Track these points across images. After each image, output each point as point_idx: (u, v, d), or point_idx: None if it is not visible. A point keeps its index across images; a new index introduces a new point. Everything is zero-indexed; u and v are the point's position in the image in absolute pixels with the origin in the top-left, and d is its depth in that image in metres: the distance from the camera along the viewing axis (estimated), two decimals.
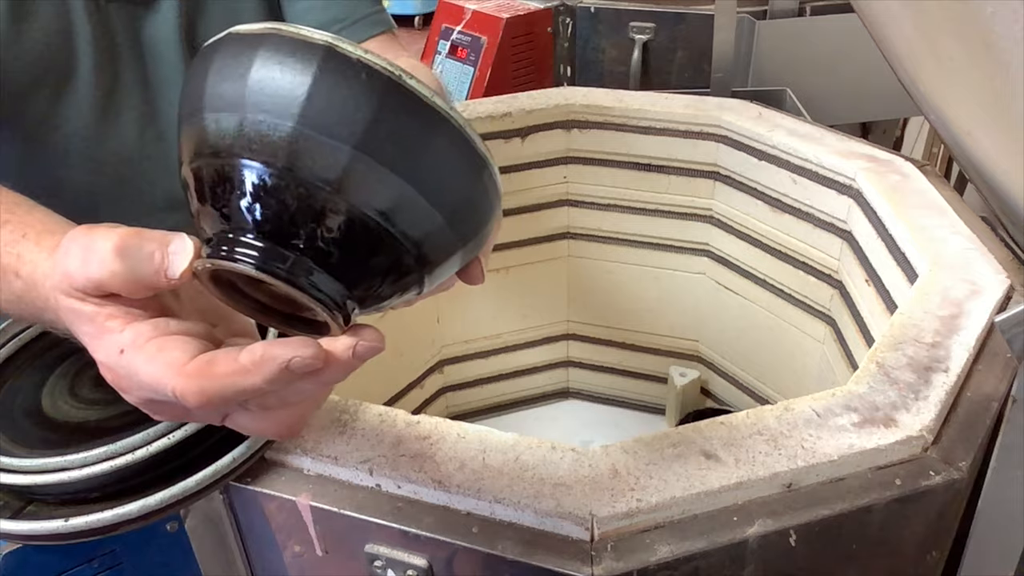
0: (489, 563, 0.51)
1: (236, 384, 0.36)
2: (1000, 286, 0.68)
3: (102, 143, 0.64)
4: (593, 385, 1.31)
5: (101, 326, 0.38)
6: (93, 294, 0.38)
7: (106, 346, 0.38)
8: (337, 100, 0.33)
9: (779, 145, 0.96)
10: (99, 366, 0.40)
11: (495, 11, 1.52)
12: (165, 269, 0.37)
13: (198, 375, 0.36)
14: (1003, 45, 0.47)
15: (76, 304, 0.39)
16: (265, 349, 0.35)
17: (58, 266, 0.39)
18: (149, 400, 0.40)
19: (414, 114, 0.34)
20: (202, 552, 0.58)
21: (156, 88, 0.65)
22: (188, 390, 0.36)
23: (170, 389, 0.36)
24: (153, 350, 0.37)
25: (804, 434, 0.57)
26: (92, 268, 0.38)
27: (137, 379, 0.38)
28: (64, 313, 0.40)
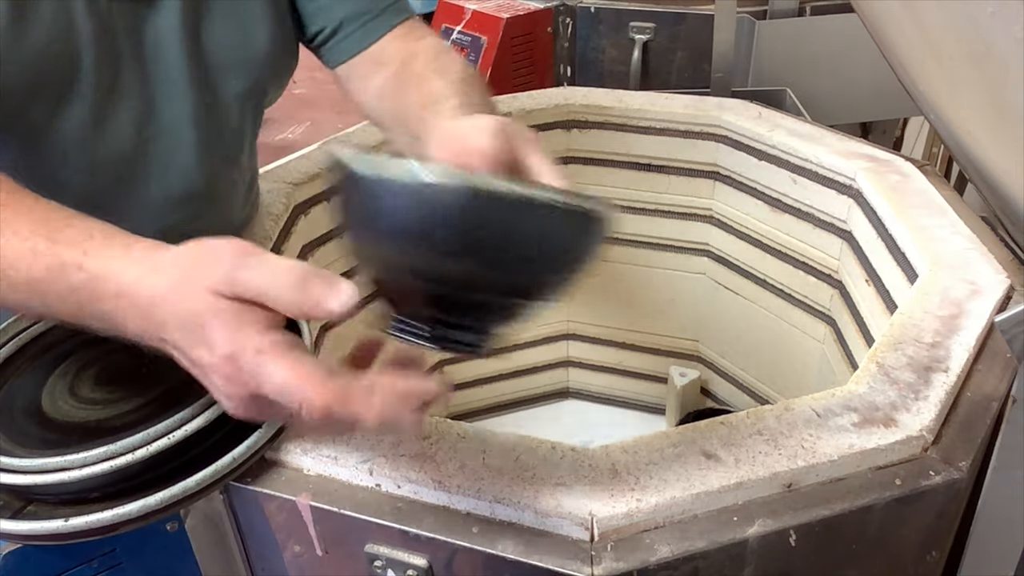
0: (489, 563, 0.51)
1: (358, 414, 0.42)
2: (1000, 286, 0.68)
3: (101, 142, 0.64)
4: (593, 385, 1.31)
5: (241, 324, 0.43)
6: (242, 299, 0.43)
7: (242, 342, 0.42)
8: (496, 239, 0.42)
9: (779, 145, 0.96)
10: (213, 359, 0.43)
11: (495, 11, 1.52)
12: (325, 303, 0.44)
13: (334, 395, 0.41)
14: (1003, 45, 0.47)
15: (217, 302, 0.43)
16: (390, 393, 0.43)
17: (212, 264, 0.44)
18: (254, 398, 0.43)
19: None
20: (202, 552, 0.58)
21: (156, 87, 0.65)
22: (317, 404, 0.41)
23: (301, 397, 0.41)
24: (293, 362, 0.42)
25: (804, 434, 0.57)
26: (271, 283, 0.43)
27: (264, 379, 0.42)
28: (182, 307, 0.44)
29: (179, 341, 0.45)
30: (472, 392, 1.27)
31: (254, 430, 0.54)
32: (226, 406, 0.45)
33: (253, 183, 0.84)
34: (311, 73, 3.33)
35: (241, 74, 0.70)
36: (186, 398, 0.54)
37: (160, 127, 0.66)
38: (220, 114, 0.70)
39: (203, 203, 0.72)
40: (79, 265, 0.47)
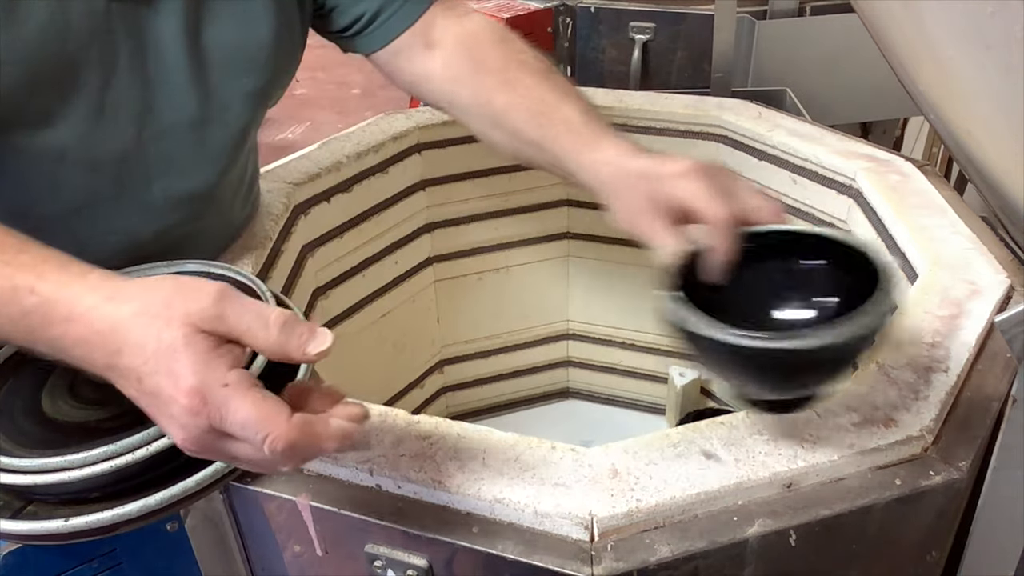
0: (489, 563, 0.51)
1: (321, 447, 0.45)
2: (1000, 286, 0.68)
3: (100, 142, 0.64)
4: (593, 385, 1.31)
5: (211, 358, 0.44)
6: (219, 335, 0.44)
7: (210, 375, 0.43)
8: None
9: (779, 145, 0.96)
10: (180, 390, 0.43)
11: (495, 11, 1.52)
12: (305, 347, 0.45)
13: (298, 429, 0.43)
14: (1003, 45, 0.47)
15: (193, 334, 0.44)
16: (351, 428, 0.46)
17: (195, 298, 0.45)
18: (214, 434, 0.44)
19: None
20: (202, 552, 0.58)
21: (156, 88, 0.65)
22: (282, 438, 0.43)
23: (265, 433, 0.43)
24: (258, 397, 0.43)
25: (804, 434, 0.57)
26: (257, 321, 0.45)
27: (226, 413, 0.43)
28: (151, 335, 0.44)
29: (137, 368, 0.44)
30: (472, 392, 1.27)
31: None
32: (176, 437, 0.45)
33: (253, 183, 0.84)
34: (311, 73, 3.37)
35: (243, 75, 0.70)
36: None
37: (161, 128, 0.66)
38: (221, 115, 0.70)
39: (203, 203, 0.72)
40: (31, 288, 0.47)
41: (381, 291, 1.08)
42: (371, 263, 1.05)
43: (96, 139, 0.63)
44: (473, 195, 1.12)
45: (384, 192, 1.04)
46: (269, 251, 0.81)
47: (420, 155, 1.07)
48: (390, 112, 1.07)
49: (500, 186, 1.12)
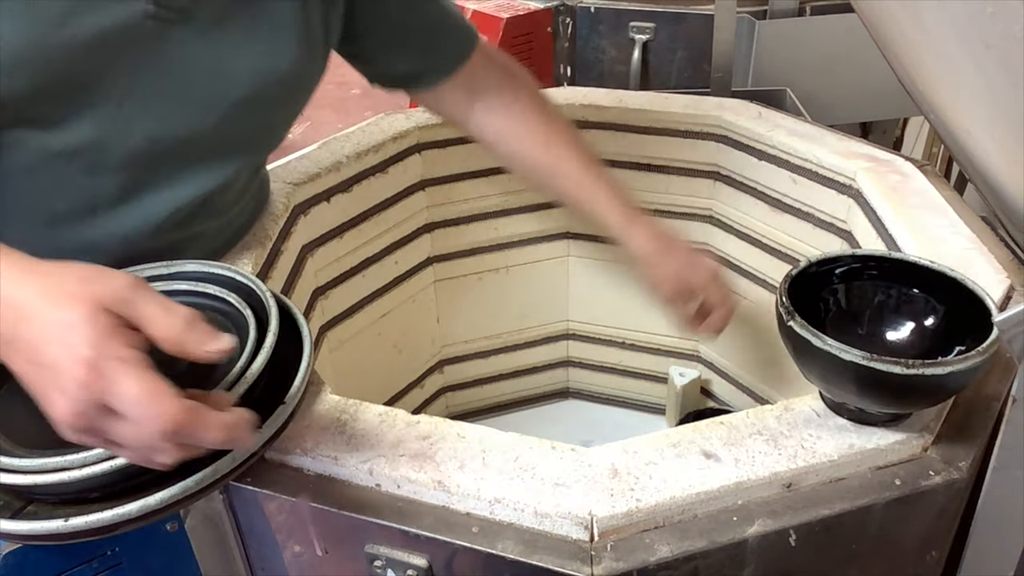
0: (489, 563, 0.51)
1: (205, 435, 0.45)
2: (1000, 286, 0.68)
3: (110, 149, 0.63)
4: (593, 385, 1.31)
5: (111, 335, 0.44)
6: (123, 318, 0.45)
7: (108, 349, 0.43)
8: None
9: (779, 145, 0.96)
10: (73, 361, 0.43)
11: (495, 11, 1.52)
12: (205, 345, 0.46)
13: (187, 412, 0.44)
14: (1003, 45, 0.47)
15: (96, 311, 0.44)
16: (239, 420, 0.47)
17: (107, 281, 0.46)
18: (103, 406, 0.44)
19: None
20: (202, 552, 0.58)
21: (172, 102, 0.65)
22: (170, 417, 0.43)
23: (157, 410, 0.43)
24: (153, 376, 0.44)
25: (804, 434, 0.57)
26: (163, 310, 0.46)
27: (118, 387, 0.43)
28: (53, 306, 0.45)
29: (34, 339, 0.45)
30: (472, 392, 1.27)
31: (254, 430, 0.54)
32: (61, 412, 0.44)
33: (261, 190, 0.85)
34: None
35: (261, 98, 0.70)
36: None
37: (172, 140, 0.66)
38: (236, 134, 0.70)
39: (210, 212, 0.72)
40: None
41: (381, 291, 1.08)
42: (371, 263, 1.05)
43: (107, 145, 0.63)
44: (473, 195, 1.12)
45: (384, 192, 1.04)
46: (269, 251, 0.81)
47: (420, 155, 1.07)
48: (390, 112, 1.07)
49: (500, 186, 1.12)
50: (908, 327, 0.62)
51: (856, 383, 0.53)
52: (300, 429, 0.59)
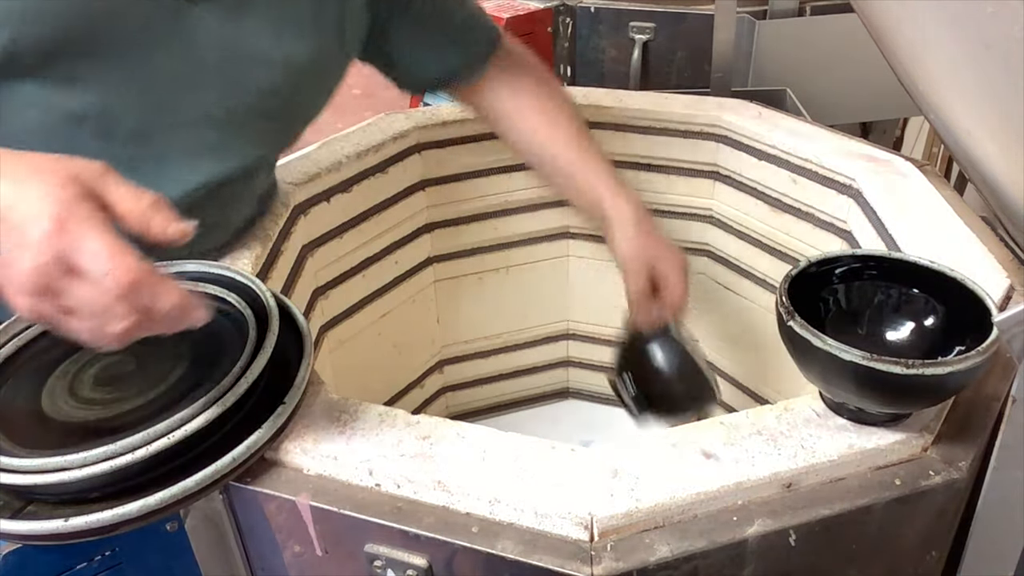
0: (489, 563, 0.51)
1: (160, 296, 0.46)
2: (1000, 286, 0.68)
3: (120, 118, 0.64)
4: (593, 385, 1.31)
5: (82, 200, 0.45)
6: (92, 191, 0.46)
7: (78, 210, 0.45)
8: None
9: (779, 145, 0.96)
10: (36, 215, 0.44)
11: (495, 11, 1.51)
12: (167, 223, 0.48)
13: (147, 269, 0.45)
14: (1003, 45, 0.47)
15: (71, 182, 0.46)
16: (189, 295, 0.47)
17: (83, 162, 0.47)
18: (61, 262, 0.44)
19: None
20: (202, 552, 0.58)
21: (183, 82, 0.65)
22: (129, 273, 0.44)
23: (116, 264, 0.44)
24: (117, 238, 0.45)
25: (804, 434, 0.57)
26: (127, 188, 0.47)
27: (82, 242, 0.44)
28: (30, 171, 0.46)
29: (7, 199, 0.45)
30: (472, 392, 1.27)
31: (254, 430, 0.54)
32: (18, 269, 0.45)
33: (271, 190, 0.85)
34: None
35: (275, 88, 0.70)
36: (186, 398, 0.54)
37: (180, 121, 0.66)
38: (248, 123, 0.70)
39: (220, 204, 0.72)
40: None
41: (381, 291, 1.08)
42: (371, 263, 1.05)
43: (117, 113, 0.63)
44: (473, 195, 1.12)
45: (384, 192, 1.04)
46: (269, 251, 0.81)
47: (420, 155, 1.07)
48: (390, 112, 1.07)
49: (500, 186, 1.12)
50: (908, 327, 0.62)
51: (856, 383, 0.53)
52: (300, 429, 0.59)
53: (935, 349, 0.59)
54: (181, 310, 0.47)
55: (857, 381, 0.53)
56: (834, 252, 0.63)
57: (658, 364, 0.91)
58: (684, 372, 0.90)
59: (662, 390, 0.91)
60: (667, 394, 0.91)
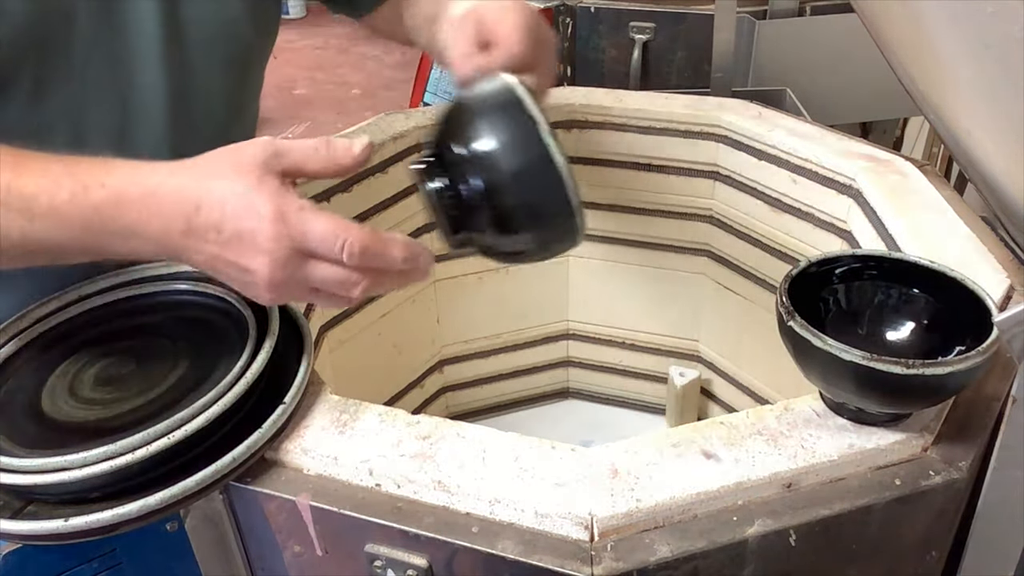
0: (489, 563, 0.51)
1: (390, 250, 0.50)
2: (1000, 286, 0.68)
3: (85, 118, 0.64)
4: (593, 385, 1.31)
5: (284, 191, 0.49)
6: (286, 171, 0.51)
7: (288, 203, 0.49)
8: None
9: (779, 145, 0.96)
10: (264, 221, 0.48)
11: None
12: (352, 148, 0.53)
13: (369, 233, 0.50)
14: (1003, 45, 0.47)
15: (264, 176, 0.49)
16: (413, 240, 0.52)
17: (254, 150, 0.51)
18: (297, 251, 0.49)
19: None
20: (202, 552, 0.58)
21: (134, 62, 0.65)
22: (358, 239, 0.49)
23: (343, 238, 0.48)
24: (329, 215, 0.49)
25: (804, 434, 0.57)
26: (304, 143, 0.51)
27: (308, 228, 0.48)
28: (228, 185, 0.49)
29: (217, 220, 0.48)
30: (472, 392, 1.27)
31: (254, 430, 0.54)
32: (262, 274, 0.49)
33: None
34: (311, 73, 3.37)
35: (219, 46, 0.70)
36: (186, 398, 0.54)
37: (142, 100, 0.66)
38: (201, 84, 0.70)
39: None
40: (101, 183, 0.50)
41: None
42: None
43: (82, 115, 0.63)
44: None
45: (384, 192, 1.04)
46: None
47: (420, 155, 1.07)
48: (390, 112, 1.07)
49: None
50: (908, 327, 0.62)
51: (856, 383, 0.53)
52: (300, 429, 0.59)
53: (935, 349, 0.59)
54: (411, 259, 0.51)
55: (857, 381, 0.53)
56: (834, 252, 0.63)
57: (486, 147, 0.53)
58: (528, 165, 0.53)
59: (493, 196, 0.53)
60: (499, 203, 0.53)
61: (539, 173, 0.52)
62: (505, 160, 0.52)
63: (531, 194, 0.53)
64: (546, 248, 0.58)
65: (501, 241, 0.55)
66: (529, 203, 0.53)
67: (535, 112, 0.53)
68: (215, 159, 0.51)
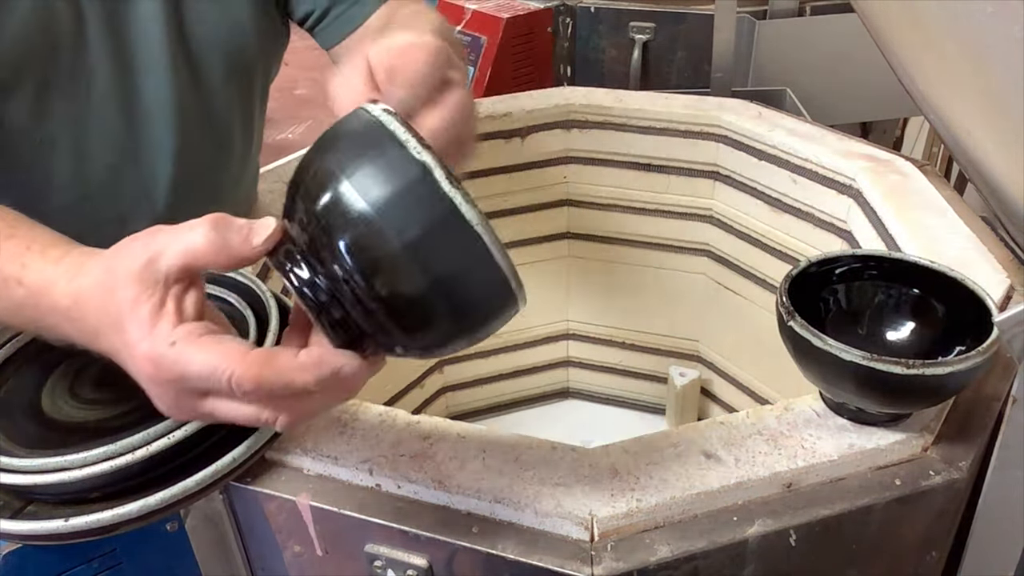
0: (489, 563, 0.51)
1: (292, 379, 0.40)
2: (1000, 286, 0.68)
3: (89, 131, 0.64)
4: (593, 385, 1.31)
5: (156, 319, 0.41)
6: (172, 275, 0.41)
7: (155, 338, 0.41)
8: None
9: (779, 145, 0.96)
10: (136, 360, 0.41)
11: (495, 11, 1.51)
12: (251, 237, 0.42)
13: (259, 364, 0.40)
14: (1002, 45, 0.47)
15: (138, 297, 0.41)
16: (321, 354, 0.40)
17: (133, 253, 0.42)
18: (183, 393, 0.42)
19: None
20: (202, 552, 0.58)
21: (138, 73, 0.65)
22: (247, 375, 0.39)
23: (227, 374, 0.39)
24: (210, 343, 0.41)
25: (804, 434, 0.57)
26: (187, 237, 0.41)
27: (184, 369, 0.40)
28: (104, 308, 0.42)
29: (111, 347, 0.43)
30: (472, 392, 1.27)
31: (254, 430, 0.54)
32: (161, 409, 0.44)
33: (253, 179, 0.84)
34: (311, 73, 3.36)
35: (224, 56, 0.70)
36: None
37: (146, 112, 0.66)
38: (205, 98, 0.70)
39: (194, 190, 0.72)
40: (19, 280, 0.46)
41: None
42: None
43: (86, 128, 0.63)
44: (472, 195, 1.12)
45: None
46: None
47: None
48: None
49: (500, 186, 1.12)
50: (908, 327, 0.62)
51: (856, 383, 0.53)
52: (300, 429, 0.59)
53: (935, 349, 0.59)
54: (323, 381, 0.40)
55: (857, 381, 0.53)
56: (834, 252, 0.63)
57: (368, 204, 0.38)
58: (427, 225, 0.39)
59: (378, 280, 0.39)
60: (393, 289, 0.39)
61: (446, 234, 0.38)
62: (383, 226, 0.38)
63: (441, 266, 0.39)
64: (481, 330, 0.42)
65: (414, 340, 0.42)
66: (440, 280, 0.39)
67: (411, 145, 0.39)
68: (107, 262, 0.44)
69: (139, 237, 0.43)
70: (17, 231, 0.48)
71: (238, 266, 0.42)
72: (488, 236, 0.39)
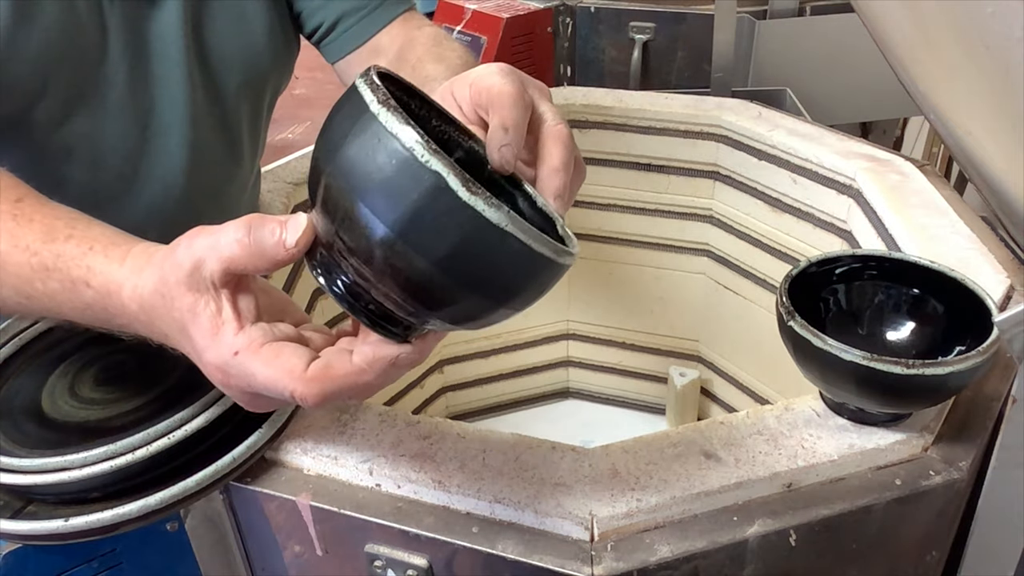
0: (489, 563, 0.51)
1: (354, 383, 0.42)
2: (1000, 286, 0.68)
3: (105, 140, 0.64)
4: (593, 385, 1.31)
5: (216, 327, 0.42)
6: (218, 281, 0.42)
7: (220, 348, 0.42)
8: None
9: (779, 145, 0.96)
10: (204, 366, 0.43)
11: (495, 11, 1.52)
12: (284, 240, 0.41)
13: (319, 380, 0.41)
14: (1003, 45, 0.47)
15: (195, 304, 0.42)
16: (374, 350, 0.42)
17: (178, 260, 0.43)
18: (256, 395, 0.44)
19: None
20: (202, 552, 0.58)
21: (156, 85, 0.65)
22: (310, 393, 0.41)
23: (290, 392, 0.41)
24: (270, 355, 0.42)
25: (804, 434, 0.57)
26: (223, 243, 0.42)
27: (251, 379, 0.42)
28: (169, 315, 0.43)
29: (184, 349, 0.45)
30: (472, 392, 1.27)
31: (254, 430, 0.54)
32: (237, 401, 0.46)
33: (256, 183, 0.85)
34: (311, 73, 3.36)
35: (240, 69, 0.70)
36: (186, 398, 0.54)
37: (161, 124, 0.66)
38: (219, 110, 0.70)
39: (205, 200, 0.72)
40: (87, 282, 0.47)
41: None
42: None
43: (102, 137, 0.63)
44: None
45: None
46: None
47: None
48: None
49: None
50: (908, 327, 0.62)
51: (856, 383, 0.53)
52: (300, 429, 0.59)
53: (935, 349, 0.59)
54: (371, 385, 0.43)
55: (857, 381, 0.53)
56: (834, 252, 0.63)
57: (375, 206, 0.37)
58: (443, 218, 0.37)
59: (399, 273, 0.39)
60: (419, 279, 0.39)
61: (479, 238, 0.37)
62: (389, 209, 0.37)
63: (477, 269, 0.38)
64: (534, 295, 0.41)
65: (461, 325, 0.42)
66: (477, 280, 0.38)
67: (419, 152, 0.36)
68: (160, 262, 0.44)
69: (182, 241, 0.44)
70: (75, 230, 0.49)
71: (277, 268, 0.43)
72: (518, 230, 0.37)
